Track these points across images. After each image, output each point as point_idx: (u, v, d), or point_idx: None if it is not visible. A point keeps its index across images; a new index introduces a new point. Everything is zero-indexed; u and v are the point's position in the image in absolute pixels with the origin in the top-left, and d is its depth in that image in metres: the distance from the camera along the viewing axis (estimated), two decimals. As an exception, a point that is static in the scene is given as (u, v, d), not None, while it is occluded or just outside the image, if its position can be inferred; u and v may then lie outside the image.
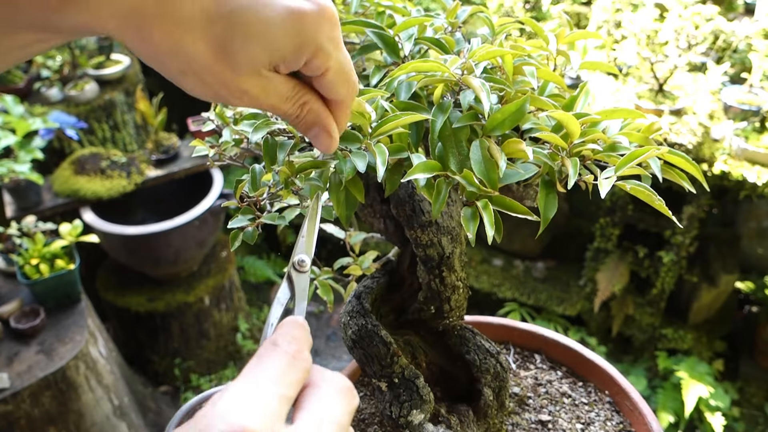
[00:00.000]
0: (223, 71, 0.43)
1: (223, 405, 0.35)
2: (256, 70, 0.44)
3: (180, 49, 0.41)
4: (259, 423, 0.34)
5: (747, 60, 2.51)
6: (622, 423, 0.87)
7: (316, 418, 0.38)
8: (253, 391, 0.36)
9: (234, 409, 0.34)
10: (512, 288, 2.93)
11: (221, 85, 0.44)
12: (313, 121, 0.49)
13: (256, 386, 0.37)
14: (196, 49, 0.41)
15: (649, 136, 0.58)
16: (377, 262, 0.84)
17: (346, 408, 0.40)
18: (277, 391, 0.37)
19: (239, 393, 0.36)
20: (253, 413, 0.34)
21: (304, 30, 0.43)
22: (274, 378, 0.38)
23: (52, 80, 2.85)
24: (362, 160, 0.52)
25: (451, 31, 0.68)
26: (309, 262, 0.51)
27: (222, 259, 2.89)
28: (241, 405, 0.35)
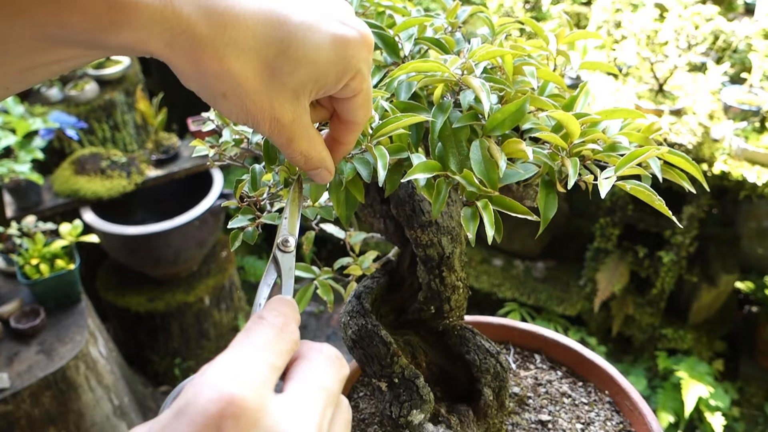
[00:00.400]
0: (265, 95, 0.44)
1: (211, 374, 0.34)
2: (297, 95, 0.45)
3: (228, 72, 0.42)
4: (248, 390, 0.34)
5: (747, 60, 2.51)
6: (622, 423, 0.87)
7: (306, 385, 0.38)
8: (241, 360, 0.36)
9: (222, 377, 0.34)
10: (512, 288, 2.93)
11: (259, 109, 0.44)
12: (317, 164, 0.51)
13: (244, 355, 0.36)
14: (245, 73, 0.42)
15: (649, 136, 0.58)
16: (377, 262, 0.84)
17: (336, 376, 0.40)
18: (266, 359, 0.37)
19: (227, 362, 0.35)
20: (242, 380, 0.34)
21: (348, 56, 0.45)
22: (262, 347, 0.38)
23: (51, 80, 2.85)
24: (365, 168, 0.53)
25: (451, 31, 0.68)
26: (293, 242, 0.51)
27: (222, 259, 2.89)
28: (229, 373, 0.34)
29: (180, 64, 0.41)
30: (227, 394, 0.33)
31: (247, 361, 0.36)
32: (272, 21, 0.42)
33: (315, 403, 0.38)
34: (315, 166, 0.51)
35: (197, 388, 0.33)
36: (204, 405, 0.32)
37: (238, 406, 0.33)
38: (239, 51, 0.41)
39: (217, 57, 0.41)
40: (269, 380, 0.36)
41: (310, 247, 0.82)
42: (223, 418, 0.32)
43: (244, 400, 0.33)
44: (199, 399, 0.33)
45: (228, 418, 0.32)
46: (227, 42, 0.41)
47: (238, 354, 0.36)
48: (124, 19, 0.37)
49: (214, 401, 0.32)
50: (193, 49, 0.40)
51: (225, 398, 0.33)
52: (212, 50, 0.40)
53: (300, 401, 0.37)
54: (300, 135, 0.48)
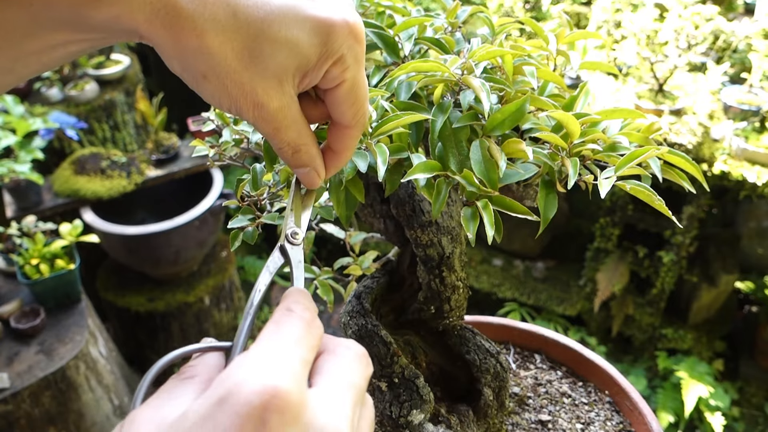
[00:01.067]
0: (246, 77, 0.43)
1: (252, 366, 0.34)
2: (280, 80, 0.44)
3: (207, 50, 0.41)
4: (292, 384, 0.34)
5: (747, 60, 2.51)
6: (622, 423, 0.87)
7: (336, 381, 0.38)
8: (278, 354, 0.36)
9: (264, 369, 0.34)
10: (512, 288, 2.93)
11: (241, 92, 0.43)
12: (305, 162, 0.50)
13: (280, 349, 0.36)
14: (223, 51, 0.41)
15: (649, 136, 0.58)
16: (377, 262, 0.84)
17: (363, 373, 0.41)
18: (299, 354, 0.37)
19: (265, 355, 0.35)
20: (283, 374, 0.34)
21: (330, 40, 0.43)
22: (295, 342, 0.38)
23: (52, 80, 2.85)
24: (363, 161, 0.52)
25: (451, 31, 0.68)
26: (302, 234, 0.51)
27: (222, 259, 2.89)
28: (270, 366, 0.34)
29: (161, 40, 0.40)
30: (272, 387, 0.33)
31: (284, 355, 0.36)
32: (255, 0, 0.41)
33: (347, 400, 0.38)
34: (303, 163, 0.49)
35: (236, 380, 0.33)
36: (248, 396, 0.32)
37: (282, 399, 0.33)
38: (219, 28, 0.40)
39: (196, 33, 0.40)
40: (305, 375, 0.36)
41: (310, 247, 0.82)
42: (267, 411, 0.32)
43: (289, 393, 0.33)
44: (243, 389, 0.32)
45: (273, 411, 0.32)
46: (207, 18, 0.40)
47: (274, 347, 0.36)
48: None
49: (259, 393, 0.32)
50: (173, 24, 0.39)
51: (269, 391, 0.32)
52: (192, 25, 0.40)
53: (334, 397, 0.37)
54: (287, 125, 0.46)
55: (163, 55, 0.42)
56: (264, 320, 3.10)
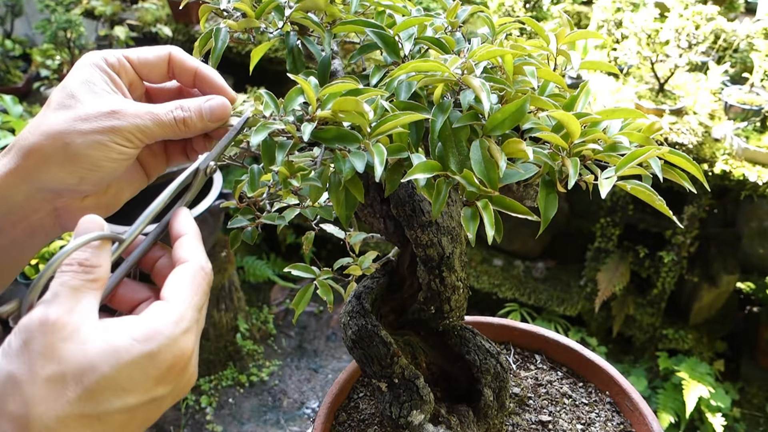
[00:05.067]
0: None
1: (172, 332, 0.45)
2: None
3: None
4: (192, 346, 0.47)
5: (748, 60, 2.51)
6: (623, 423, 0.87)
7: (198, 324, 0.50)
8: (191, 320, 0.47)
9: (182, 338, 0.46)
10: (512, 288, 2.92)
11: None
12: (196, 104, 0.58)
13: (192, 316, 0.47)
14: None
15: (649, 135, 0.58)
16: (377, 262, 0.84)
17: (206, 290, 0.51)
18: (199, 316, 0.49)
19: (183, 321, 0.46)
20: (191, 340, 0.47)
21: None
22: (201, 307, 0.49)
23: (51, 80, 2.85)
24: (361, 160, 0.52)
25: (451, 30, 0.68)
26: (215, 168, 0.58)
27: (221, 259, 2.89)
28: (187, 334, 0.46)
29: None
30: (185, 352, 0.46)
31: (194, 321, 0.48)
32: None
33: (198, 329, 0.50)
34: (196, 106, 0.57)
35: (163, 342, 0.44)
36: (169, 359, 0.45)
37: (187, 360, 0.47)
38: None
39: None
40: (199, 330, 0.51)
41: (310, 247, 0.82)
42: (175, 368, 0.46)
43: (191, 355, 0.48)
44: (166, 354, 0.45)
45: (180, 368, 0.47)
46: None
47: (188, 315, 0.47)
48: None
49: (176, 357, 0.45)
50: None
51: (183, 355, 0.46)
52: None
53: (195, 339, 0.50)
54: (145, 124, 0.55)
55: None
56: (264, 321, 3.10)
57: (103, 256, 0.47)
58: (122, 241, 0.51)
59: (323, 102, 0.54)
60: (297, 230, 3.34)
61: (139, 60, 0.59)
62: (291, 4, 0.64)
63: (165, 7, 3.22)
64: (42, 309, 0.43)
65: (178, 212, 0.55)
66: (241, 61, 2.93)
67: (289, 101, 0.56)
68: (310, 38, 0.68)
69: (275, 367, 2.92)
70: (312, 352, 3.02)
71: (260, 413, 2.71)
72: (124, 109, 0.54)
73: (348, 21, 0.65)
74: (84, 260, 0.45)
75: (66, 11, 2.85)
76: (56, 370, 0.40)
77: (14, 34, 3.16)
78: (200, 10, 0.69)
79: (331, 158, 0.55)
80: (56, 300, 0.43)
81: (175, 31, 3.10)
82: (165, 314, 0.45)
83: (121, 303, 0.51)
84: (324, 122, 0.55)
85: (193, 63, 0.61)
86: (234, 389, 2.80)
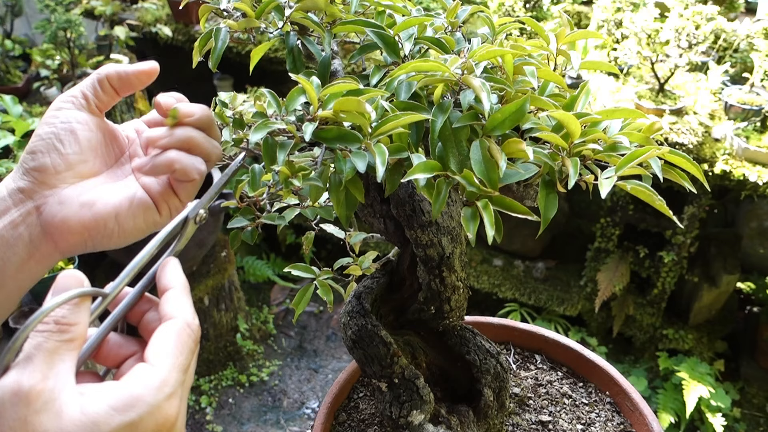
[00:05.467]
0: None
1: (155, 399, 0.42)
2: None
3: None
4: (176, 409, 0.44)
5: (748, 60, 2.51)
6: (623, 423, 0.87)
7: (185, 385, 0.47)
8: (176, 384, 0.45)
9: (166, 404, 0.43)
10: (512, 288, 2.92)
11: None
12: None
13: (177, 380, 0.45)
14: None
15: (649, 135, 0.58)
16: (377, 262, 0.84)
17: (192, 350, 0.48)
18: (184, 378, 0.46)
19: (167, 386, 0.44)
20: (175, 404, 0.44)
21: None
22: (186, 368, 0.46)
23: (51, 80, 2.85)
24: (362, 160, 0.52)
25: (451, 30, 0.68)
26: (205, 216, 0.58)
27: (221, 259, 2.89)
28: (171, 400, 0.44)
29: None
30: (168, 419, 0.44)
31: (178, 384, 0.46)
32: None
33: (185, 391, 0.48)
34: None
35: (145, 410, 0.42)
36: (151, 426, 0.42)
37: (172, 425, 0.45)
38: None
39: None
40: (185, 393, 0.48)
41: (310, 247, 0.82)
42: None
43: (176, 421, 0.45)
44: (149, 421, 0.42)
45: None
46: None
47: (172, 379, 0.45)
48: None
49: (160, 424, 0.43)
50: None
51: (167, 422, 0.44)
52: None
53: (183, 400, 0.48)
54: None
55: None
56: (264, 321, 3.10)
57: (81, 313, 0.44)
58: (105, 296, 0.49)
59: (324, 102, 0.54)
60: (297, 230, 3.34)
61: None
62: (291, 4, 0.64)
63: (165, 7, 3.22)
64: (14, 376, 0.40)
65: (166, 263, 0.52)
66: (240, 61, 2.93)
67: (291, 101, 0.56)
68: (310, 38, 0.68)
69: (275, 367, 2.92)
70: (312, 352, 3.02)
71: (260, 413, 2.71)
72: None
73: (348, 21, 0.65)
74: (60, 318, 0.43)
75: (66, 11, 2.85)
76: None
77: (14, 34, 3.16)
78: (200, 10, 0.69)
79: (331, 158, 0.55)
80: (29, 365, 0.40)
81: (175, 31, 3.10)
82: (147, 379, 0.43)
83: (107, 359, 0.49)
84: (325, 122, 0.55)
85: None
86: (234, 389, 2.80)
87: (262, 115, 0.58)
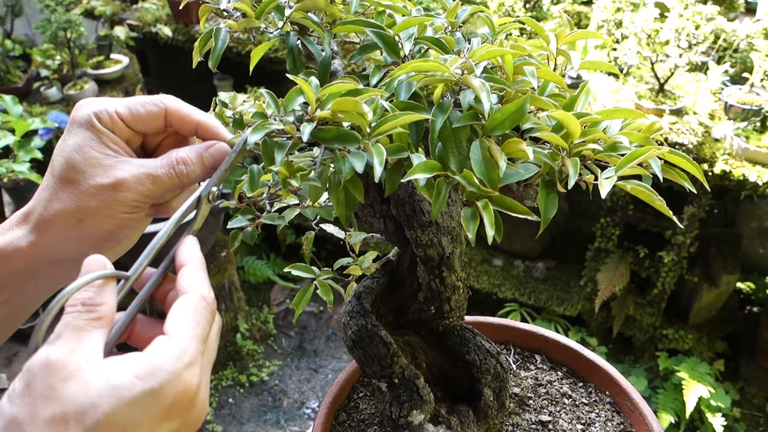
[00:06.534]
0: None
1: (174, 369, 0.44)
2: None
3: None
4: (197, 381, 0.47)
5: (748, 60, 2.51)
6: (623, 423, 0.87)
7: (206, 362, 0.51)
8: (195, 355, 0.47)
9: (184, 375, 0.45)
10: (512, 288, 2.92)
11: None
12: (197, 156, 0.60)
13: (196, 350, 0.47)
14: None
15: (649, 135, 0.58)
16: (377, 262, 0.84)
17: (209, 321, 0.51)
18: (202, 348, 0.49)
19: (186, 357, 0.45)
20: (195, 375, 0.46)
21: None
22: (205, 338, 0.49)
23: (51, 80, 2.85)
24: (360, 161, 0.52)
25: (451, 30, 0.68)
26: (218, 194, 0.59)
27: (221, 259, 2.89)
28: (189, 371, 0.45)
29: None
30: (189, 390, 0.46)
31: (198, 356, 0.48)
32: None
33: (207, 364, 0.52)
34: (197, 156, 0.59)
35: (166, 378, 0.44)
36: (171, 395, 0.44)
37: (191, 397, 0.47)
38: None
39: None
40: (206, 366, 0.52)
41: (310, 247, 0.82)
42: (179, 405, 0.45)
43: (197, 392, 0.48)
44: (169, 390, 0.44)
45: (185, 405, 0.46)
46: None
47: (191, 349, 0.47)
48: None
49: (179, 394, 0.44)
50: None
51: (187, 392, 0.46)
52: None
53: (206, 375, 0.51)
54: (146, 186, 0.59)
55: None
56: (263, 321, 3.10)
57: (106, 293, 0.47)
58: (128, 278, 0.51)
59: (323, 102, 0.54)
60: (297, 230, 3.34)
61: (132, 116, 0.60)
62: (291, 4, 0.64)
63: (165, 7, 3.22)
64: (44, 350, 0.42)
65: (182, 242, 0.56)
66: (240, 61, 2.93)
67: (289, 101, 0.56)
68: (310, 38, 0.68)
69: (275, 367, 2.92)
70: (312, 352, 3.02)
71: (260, 413, 2.71)
72: (125, 179, 0.57)
73: (348, 21, 0.65)
74: (87, 299, 0.45)
75: (66, 11, 2.85)
76: (57, 410, 0.40)
77: (14, 34, 3.16)
78: (200, 10, 0.69)
79: (330, 158, 0.55)
80: (59, 341, 0.43)
81: (175, 31, 3.10)
82: (167, 349, 0.45)
83: (140, 340, 0.51)
84: (323, 122, 0.55)
85: (195, 116, 0.61)
86: (234, 389, 2.80)
87: (261, 116, 0.58)
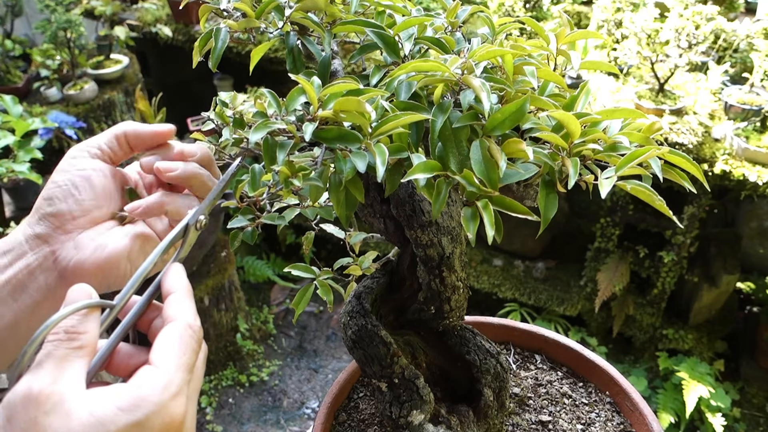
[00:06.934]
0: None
1: (160, 399, 0.43)
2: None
3: None
4: (183, 410, 0.44)
5: (748, 60, 2.51)
6: (623, 423, 0.87)
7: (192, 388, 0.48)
8: (181, 384, 0.45)
9: (170, 404, 0.43)
10: (512, 288, 2.92)
11: None
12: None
13: (182, 379, 0.45)
14: None
15: (649, 135, 0.58)
16: (377, 262, 0.84)
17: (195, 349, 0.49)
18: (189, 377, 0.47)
19: (171, 386, 0.44)
20: (181, 404, 0.44)
21: None
22: (191, 367, 0.47)
23: (51, 80, 2.85)
24: (362, 160, 0.52)
25: (451, 30, 0.68)
26: (205, 222, 0.59)
27: (221, 259, 2.89)
28: (176, 400, 0.44)
29: None
30: (175, 419, 0.44)
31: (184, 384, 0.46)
32: None
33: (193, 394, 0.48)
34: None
35: (151, 409, 0.42)
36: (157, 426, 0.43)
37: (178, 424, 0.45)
38: None
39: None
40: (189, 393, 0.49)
41: (310, 247, 0.82)
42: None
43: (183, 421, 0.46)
44: (155, 421, 0.42)
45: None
46: None
47: (177, 378, 0.45)
48: None
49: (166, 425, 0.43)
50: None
51: (174, 421, 0.44)
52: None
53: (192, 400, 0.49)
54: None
55: None
56: (264, 321, 3.10)
57: (90, 322, 0.45)
58: (113, 307, 0.50)
59: (324, 102, 0.54)
60: (297, 230, 3.34)
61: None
62: (291, 4, 0.64)
63: (165, 7, 3.22)
64: (26, 380, 0.41)
65: (169, 269, 0.53)
66: (240, 61, 2.93)
67: (291, 101, 0.56)
68: (310, 38, 0.68)
69: (275, 367, 2.92)
70: (312, 352, 3.02)
71: (260, 413, 2.71)
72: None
73: (348, 21, 0.65)
74: (69, 327, 0.44)
75: (66, 11, 2.85)
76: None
77: (14, 34, 3.16)
78: (200, 10, 0.69)
79: (331, 158, 0.55)
80: (41, 370, 0.42)
81: (175, 31, 3.10)
82: (152, 379, 0.44)
83: (119, 369, 0.50)
84: (325, 122, 0.55)
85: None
86: (234, 389, 2.80)
87: (262, 115, 0.58)
